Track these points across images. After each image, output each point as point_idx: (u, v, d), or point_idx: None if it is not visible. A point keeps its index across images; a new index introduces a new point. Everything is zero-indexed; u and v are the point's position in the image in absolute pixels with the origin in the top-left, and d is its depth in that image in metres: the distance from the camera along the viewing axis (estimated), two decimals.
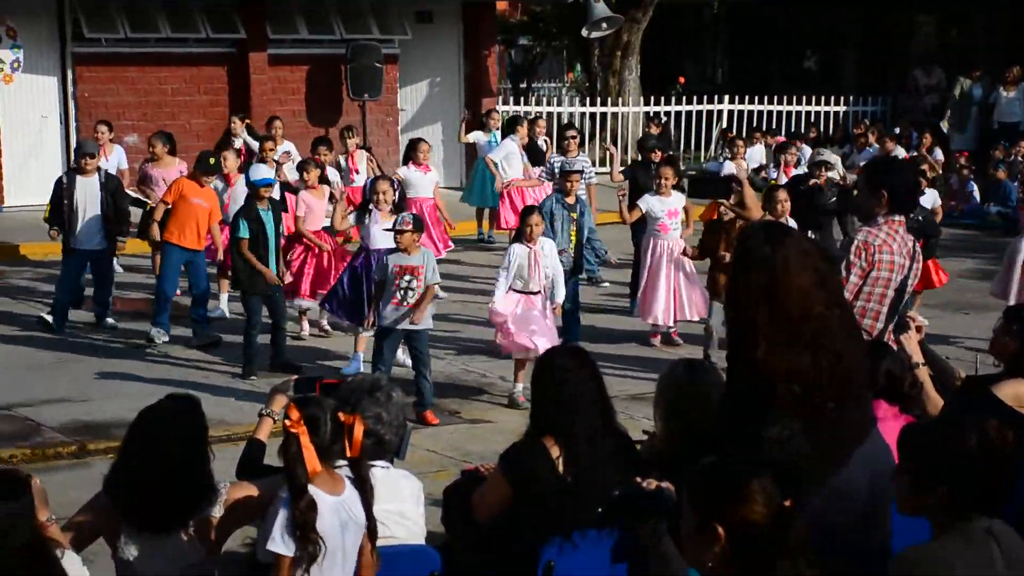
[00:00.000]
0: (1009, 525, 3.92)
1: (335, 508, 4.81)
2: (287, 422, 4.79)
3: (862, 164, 13.12)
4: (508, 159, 17.25)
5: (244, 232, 11.80)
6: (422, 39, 22.70)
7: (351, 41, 21.42)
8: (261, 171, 12.31)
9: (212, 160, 13.21)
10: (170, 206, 13.03)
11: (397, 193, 12.57)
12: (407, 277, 10.46)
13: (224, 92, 21.23)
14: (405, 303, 10.46)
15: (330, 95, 21.76)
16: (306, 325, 13.21)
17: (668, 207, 12.95)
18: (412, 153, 15.52)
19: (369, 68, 21.29)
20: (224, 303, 13.99)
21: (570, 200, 12.57)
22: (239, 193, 13.07)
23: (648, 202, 13.02)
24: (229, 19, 21.11)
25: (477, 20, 23.32)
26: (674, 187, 13.11)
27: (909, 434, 4.10)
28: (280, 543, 4.70)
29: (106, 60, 20.42)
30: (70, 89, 20.31)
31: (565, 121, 22.35)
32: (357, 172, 15.88)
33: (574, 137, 16.41)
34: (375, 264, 11.33)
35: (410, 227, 10.53)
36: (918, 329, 6.15)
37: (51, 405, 10.90)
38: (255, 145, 16.25)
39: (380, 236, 11.59)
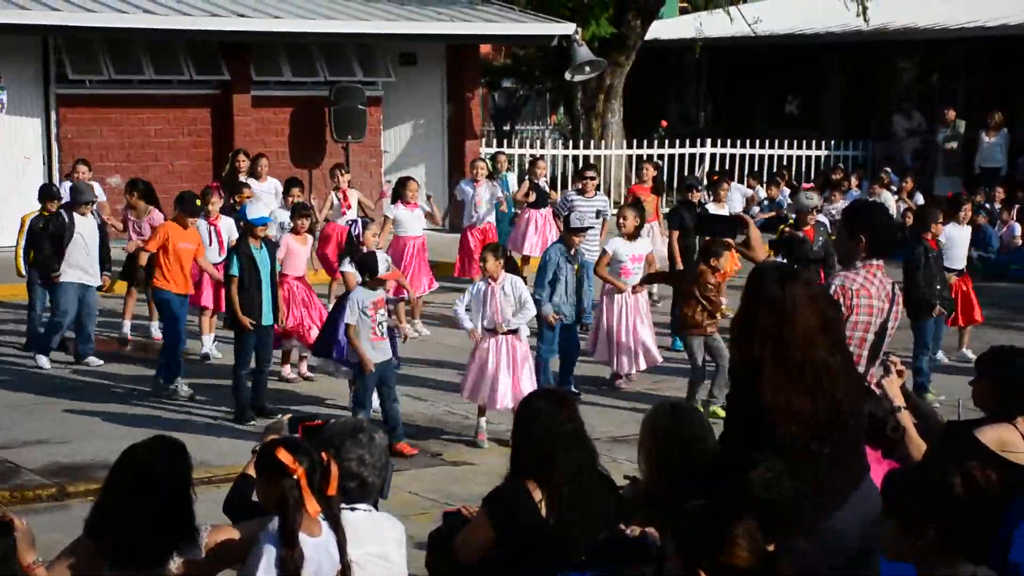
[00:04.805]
0: (994, 572, 3.91)
1: (315, 550, 4.78)
2: (289, 465, 4.77)
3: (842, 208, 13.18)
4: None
5: (235, 270, 11.65)
6: (406, 81, 22.77)
7: (335, 83, 21.49)
8: (258, 209, 12.18)
9: (198, 202, 13.16)
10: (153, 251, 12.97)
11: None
12: (381, 311, 10.75)
13: (208, 133, 21.25)
14: (383, 336, 10.73)
15: (314, 137, 21.79)
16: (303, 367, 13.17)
17: (633, 252, 12.79)
18: (402, 191, 15.50)
19: (353, 110, 21.35)
20: (209, 343, 13.96)
21: (572, 252, 12.37)
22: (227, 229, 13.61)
23: (614, 244, 12.88)
24: (213, 61, 21.14)
25: (461, 63, 23.40)
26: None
27: (895, 479, 4.09)
28: None
29: (90, 101, 20.42)
30: (53, 130, 20.31)
31: (580, 163, 22.52)
32: (349, 208, 15.82)
33: (592, 178, 16.33)
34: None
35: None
36: (899, 373, 6.14)
37: (30, 447, 10.84)
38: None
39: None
